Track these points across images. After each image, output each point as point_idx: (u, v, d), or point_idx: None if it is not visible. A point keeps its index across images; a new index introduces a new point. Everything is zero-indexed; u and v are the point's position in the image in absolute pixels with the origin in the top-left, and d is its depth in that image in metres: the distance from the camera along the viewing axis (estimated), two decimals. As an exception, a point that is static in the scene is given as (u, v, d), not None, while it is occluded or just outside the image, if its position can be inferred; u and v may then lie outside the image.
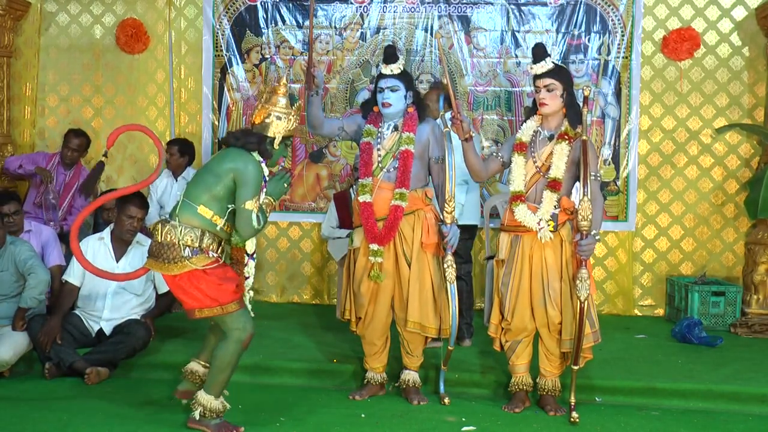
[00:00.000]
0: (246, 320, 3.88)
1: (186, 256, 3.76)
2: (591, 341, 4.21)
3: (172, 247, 3.77)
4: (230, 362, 3.87)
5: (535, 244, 4.22)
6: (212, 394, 3.89)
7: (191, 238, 3.76)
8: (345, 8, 6.63)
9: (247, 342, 3.88)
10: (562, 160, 4.18)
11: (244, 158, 3.81)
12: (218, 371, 3.87)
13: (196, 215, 3.79)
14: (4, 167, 6.41)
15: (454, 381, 4.67)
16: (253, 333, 3.89)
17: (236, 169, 3.78)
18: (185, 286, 3.81)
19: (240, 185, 3.78)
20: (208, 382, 3.92)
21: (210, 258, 3.79)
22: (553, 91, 4.21)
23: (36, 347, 4.80)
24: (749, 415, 4.41)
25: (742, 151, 6.47)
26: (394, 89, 4.39)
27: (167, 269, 3.80)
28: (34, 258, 4.89)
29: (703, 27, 6.43)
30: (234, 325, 3.85)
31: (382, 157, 4.41)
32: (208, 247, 3.79)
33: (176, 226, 3.79)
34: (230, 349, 3.85)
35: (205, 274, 3.78)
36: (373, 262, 4.36)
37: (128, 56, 6.84)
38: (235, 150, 3.86)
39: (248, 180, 3.77)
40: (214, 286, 3.80)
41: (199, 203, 3.80)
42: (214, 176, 3.81)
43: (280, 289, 6.80)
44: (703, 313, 5.98)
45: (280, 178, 4.01)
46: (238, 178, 3.77)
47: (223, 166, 3.81)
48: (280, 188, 4.00)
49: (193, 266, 3.75)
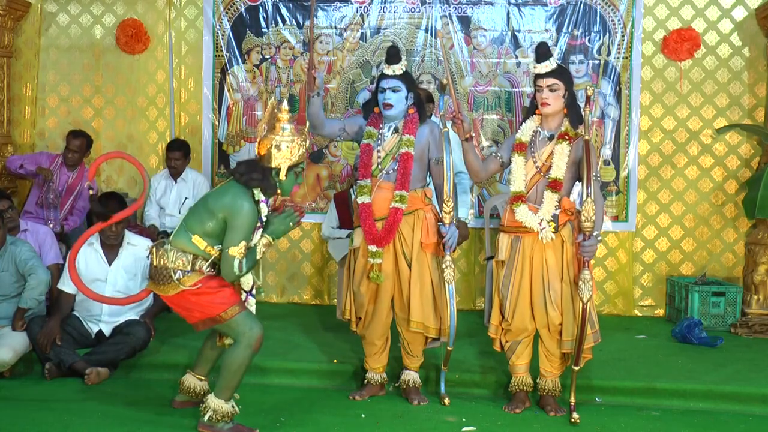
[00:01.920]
0: (252, 322, 3.85)
1: (178, 278, 3.76)
2: (591, 341, 4.21)
3: (164, 271, 3.79)
4: (241, 366, 3.83)
5: (535, 244, 4.22)
6: (222, 398, 3.86)
7: (182, 262, 3.77)
8: (345, 8, 6.63)
9: (258, 344, 3.84)
10: (562, 161, 4.18)
11: (239, 199, 3.72)
12: (229, 376, 3.83)
13: (190, 243, 3.79)
14: (6, 166, 6.42)
15: (455, 381, 4.67)
16: (262, 334, 3.86)
17: (229, 210, 3.72)
18: (183, 304, 3.84)
19: (229, 229, 3.72)
20: (219, 386, 3.87)
21: (200, 276, 3.78)
22: (556, 92, 4.20)
23: (36, 348, 4.80)
24: (750, 416, 4.41)
25: (742, 152, 6.47)
26: (396, 90, 4.39)
27: (163, 291, 3.83)
28: (34, 259, 4.89)
29: (704, 27, 6.43)
30: (240, 329, 3.82)
31: (382, 159, 4.41)
32: (201, 267, 3.79)
33: (168, 250, 3.79)
34: (241, 354, 3.82)
35: (197, 289, 3.77)
36: (372, 263, 4.35)
37: (128, 56, 6.83)
38: (236, 187, 3.78)
39: (237, 225, 3.70)
40: (208, 296, 3.79)
41: (194, 233, 3.79)
42: (209, 213, 3.78)
43: (281, 290, 6.80)
44: (703, 314, 5.98)
45: (286, 217, 3.88)
46: (229, 220, 3.72)
47: (218, 203, 3.76)
48: (285, 227, 3.89)
49: (183, 287, 3.76)
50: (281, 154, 3.78)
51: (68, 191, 6.25)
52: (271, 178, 3.79)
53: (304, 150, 3.85)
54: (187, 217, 3.89)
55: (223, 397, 3.86)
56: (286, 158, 3.78)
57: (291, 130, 3.82)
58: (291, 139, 3.79)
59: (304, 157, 3.85)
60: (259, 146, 3.84)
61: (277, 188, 3.84)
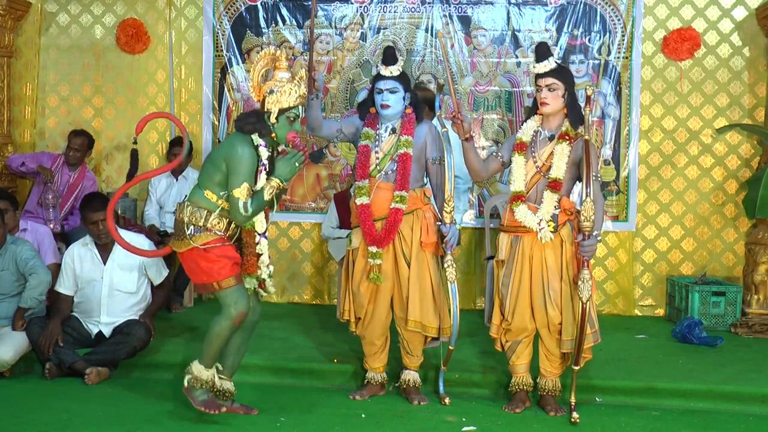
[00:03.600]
0: (239, 297, 3.95)
1: (189, 234, 3.91)
2: (591, 341, 4.21)
3: (180, 225, 3.96)
4: (218, 336, 3.96)
5: (535, 244, 4.22)
6: (203, 364, 4.00)
7: (197, 217, 3.91)
8: (345, 8, 6.63)
9: (238, 320, 3.95)
10: (562, 161, 4.18)
11: (236, 144, 3.86)
12: (208, 342, 3.99)
13: (204, 198, 3.94)
14: (7, 164, 6.42)
15: (455, 381, 4.67)
16: (245, 312, 3.96)
17: (228, 156, 3.87)
18: (189, 263, 3.99)
19: (230, 173, 3.86)
20: (201, 353, 4.03)
21: (211, 236, 3.91)
22: (555, 91, 4.20)
23: (35, 350, 4.80)
24: (750, 416, 4.41)
25: (742, 151, 6.47)
26: (393, 91, 4.38)
27: (177, 246, 3.99)
28: (35, 258, 4.90)
29: (704, 27, 6.43)
30: (226, 301, 3.95)
31: (380, 160, 4.40)
32: (214, 226, 3.92)
33: (186, 206, 3.97)
34: (221, 324, 3.96)
35: (204, 252, 3.90)
36: (372, 264, 4.35)
37: (129, 56, 6.83)
38: (234, 135, 3.95)
39: (236, 167, 3.83)
40: (209, 263, 3.91)
41: (205, 188, 3.95)
42: (214, 166, 3.94)
43: (281, 289, 6.79)
44: (703, 313, 5.97)
45: (291, 157, 3.96)
46: (229, 166, 3.86)
47: (219, 153, 3.93)
48: (290, 168, 3.95)
49: (194, 244, 3.90)
50: (272, 98, 3.92)
51: (69, 191, 6.25)
52: (264, 121, 3.92)
53: (298, 95, 3.93)
54: (199, 175, 4.05)
55: (203, 363, 4.00)
56: (276, 101, 3.91)
57: (287, 77, 3.95)
58: (282, 84, 3.92)
59: (297, 103, 3.93)
60: (257, 93, 3.98)
61: (270, 132, 3.93)
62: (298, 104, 3.95)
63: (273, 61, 4.00)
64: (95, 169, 6.79)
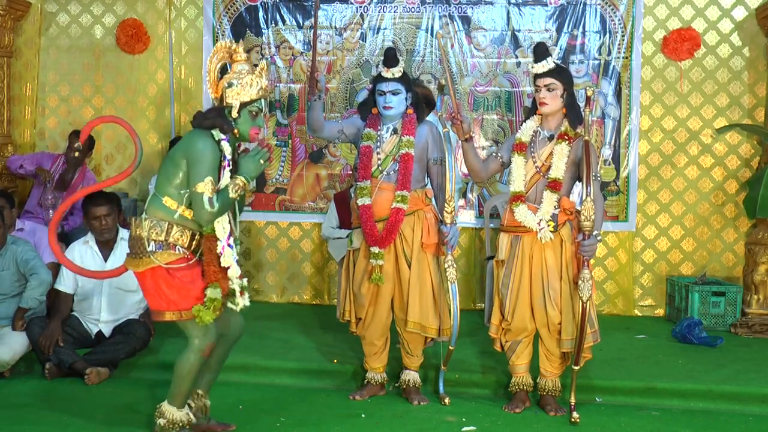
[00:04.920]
0: (206, 328, 3.64)
1: (150, 251, 3.57)
2: (590, 341, 4.21)
3: (139, 241, 3.60)
4: (190, 371, 3.67)
5: (534, 244, 4.22)
6: (174, 405, 3.72)
7: (157, 231, 3.57)
8: (345, 8, 6.63)
9: (208, 351, 3.68)
10: (562, 161, 4.18)
11: (195, 138, 3.56)
12: (179, 381, 3.69)
13: (162, 207, 3.61)
14: (6, 166, 6.42)
15: (454, 381, 4.67)
16: (213, 343, 3.69)
17: (187, 152, 3.55)
18: (151, 285, 3.63)
19: (190, 167, 3.53)
20: (170, 392, 3.73)
21: (176, 255, 3.59)
22: (554, 91, 4.20)
23: (35, 350, 4.80)
24: (750, 416, 4.41)
25: (742, 151, 6.47)
26: (396, 92, 4.38)
27: (135, 265, 3.64)
28: (36, 259, 4.90)
29: (704, 27, 6.43)
30: (192, 332, 3.66)
31: (382, 160, 4.41)
32: (177, 240, 3.59)
33: (144, 219, 3.62)
34: (190, 359, 3.67)
35: (168, 274, 3.58)
36: (374, 264, 4.35)
37: (128, 56, 6.83)
38: (192, 132, 3.64)
39: (197, 160, 3.51)
40: (176, 288, 3.60)
41: (164, 194, 3.61)
42: (174, 165, 3.61)
43: (281, 290, 6.80)
44: (703, 314, 5.97)
45: (255, 154, 3.67)
46: (190, 162, 3.54)
47: (178, 151, 3.61)
48: (255, 165, 3.66)
49: (156, 262, 3.56)
50: (232, 91, 3.62)
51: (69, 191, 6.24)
52: (224, 116, 3.62)
53: (260, 88, 3.65)
54: (156, 182, 3.71)
55: (175, 404, 3.71)
56: (237, 94, 3.61)
57: (246, 69, 3.65)
58: (243, 76, 3.63)
59: (259, 96, 3.65)
60: (215, 88, 3.67)
61: (231, 127, 3.64)
62: (260, 97, 3.65)
63: (229, 54, 3.69)
64: (95, 169, 6.79)
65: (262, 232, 6.79)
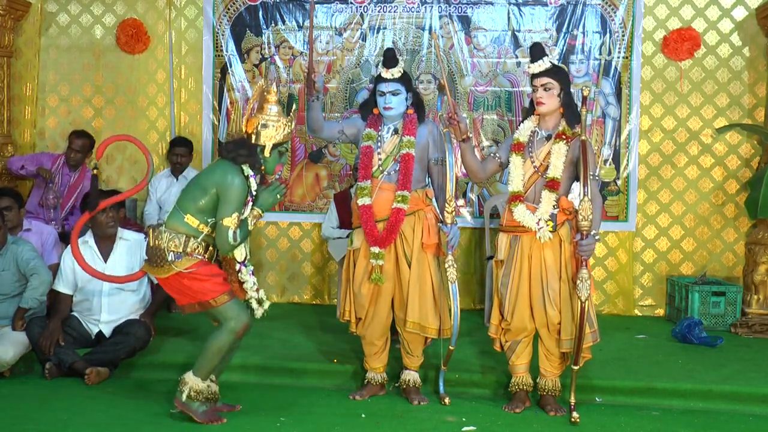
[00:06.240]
0: (239, 310, 3.99)
1: (170, 260, 3.91)
2: (590, 341, 4.21)
3: (159, 251, 3.93)
4: (221, 349, 4.00)
5: (534, 244, 4.22)
6: (199, 376, 4.00)
7: (175, 243, 3.92)
8: (345, 8, 6.63)
9: (242, 332, 4.00)
10: (560, 160, 4.18)
11: (229, 173, 3.89)
12: (209, 356, 4.00)
13: (183, 223, 3.94)
14: (7, 166, 6.42)
15: (454, 381, 4.67)
16: (248, 323, 4.01)
17: (220, 184, 3.89)
18: (175, 286, 3.99)
19: (221, 202, 3.89)
20: (197, 364, 4.02)
21: (194, 260, 3.93)
22: (550, 91, 4.21)
23: (35, 350, 4.80)
24: (750, 416, 4.41)
25: (742, 151, 6.47)
26: (396, 93, 4.39)
27: (156, 272, 3.99)
28: (36, 259, 4.90)
29: (704, 27, 6.43)
30: (228, 315, 3.97)
31: (383, 161, 4.41)
32: (194, 251, 3.94)
33: (163, 231, 3.95)
34: (224, 338, 3.98)
35: (191, 274, 3.92)
36: (374, 264, 4.35)
37: (128, 56, 6.83)
38: (224, 163, 3.96)
39: (229, 197, 3.87)
40: (200, 282, 3.93)
41: (186, 212, 3.95)
42: (201, 190, 3.94)
43: (281, 289, 6.80)
44: (703, 313, 5.97)
45: (273, 189, 4.06)
46: (221, 194, 3.89)
47: (209, 179, 3.94)
48: (272, 199, 4.06)
49: (177, 269, 3.91)
50: (267, 132, 3.97)
51: (70, 191, 6.26)
52: (256, 154, 3.98)
53: (290, 130, 4.03)
54: (179, 198, 4.05)
55: (199, 375, 4.00)
56: (271, 136, 3.97)
57: (278, 110, 4.00)
58: (277, 119, 3.98)
59: (288, 137, 4.03)
60: (247, 125, 4.01)
61: (262, 165, 4.01)
62: (288, 139, 4.04)
63: (262, 94, 4.05)
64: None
65: (262, 232, 6.80)
